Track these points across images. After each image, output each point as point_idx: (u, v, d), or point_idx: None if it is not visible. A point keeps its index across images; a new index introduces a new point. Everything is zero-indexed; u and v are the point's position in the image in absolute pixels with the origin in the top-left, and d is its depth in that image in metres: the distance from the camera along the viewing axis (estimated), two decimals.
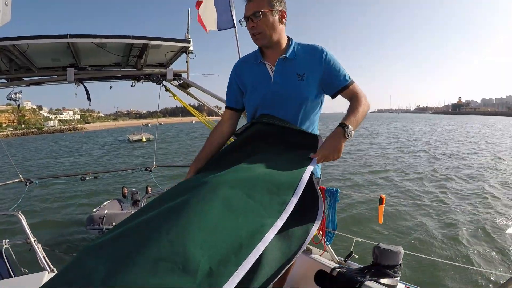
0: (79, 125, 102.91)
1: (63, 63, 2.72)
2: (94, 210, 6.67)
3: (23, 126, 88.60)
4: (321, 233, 1.81)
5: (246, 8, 1.34)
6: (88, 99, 2.79)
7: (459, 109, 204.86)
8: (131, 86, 2.96)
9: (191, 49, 2.75)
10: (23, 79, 2.68)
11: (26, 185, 3.01)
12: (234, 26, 2.83)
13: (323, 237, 1.83)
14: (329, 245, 1.86)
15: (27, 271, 2.19)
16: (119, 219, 5.29)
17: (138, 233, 0.88)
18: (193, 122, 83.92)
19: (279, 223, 0.95)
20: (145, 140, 33.33)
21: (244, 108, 1.55)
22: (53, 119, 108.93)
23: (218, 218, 0.90)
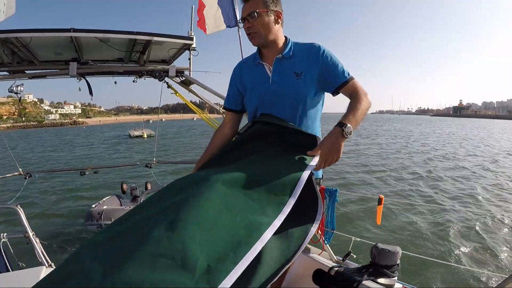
0: (80, 119, 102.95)
1: (66, 57, 2.72)
2: (93, 205, 6.67)
3: (23, 118, 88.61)
4: (320, 232, 1.82)
5: (242, 9, 1.36)
6: (90, 93, 2.79)
7: (460, 111, 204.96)
8: (133, 82, 2.96)
9: (194, 46, 2.75)
10: (25, 72, 2.68)
11: (25, 178, 2.99)
12: (237, 25, 2.83)
13: (322, 237, 1.84)
14: (327, 245, 1.87)
15: (24, 265, 2.19)
16: (117, 215, 5.28)
17: (137, 229, 0.89)
18: (195, 119, 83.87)
19: (277, 223, 0.95)
20: (146, 136, 33.33)
21: (244, 110, 1.57)
22: (54, 112, 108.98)
23: (217, 216, 0.91)
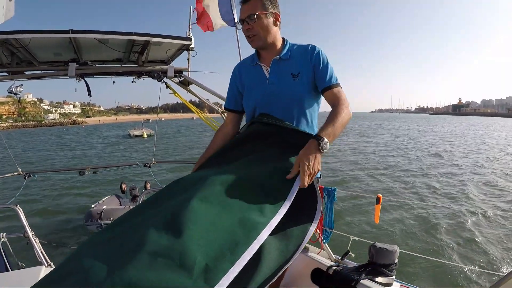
0: (79, 119, 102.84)
1: (65, 58, 2.72)
2: (92, 205, 6.68)
3: (23, 118, 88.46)
4: (318, 231, 1.83)
5: (241, 11, 1.36)
6: (89, 94, 2.80)
7: (459, 110, 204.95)
8: (132, 82, 2.97)
9: (192, 46, 2.76)
10: (24, 73, 2.67)
11: (24, 178, 2.98)
12: (235, 26, 2.83)
13: (320, 236, 1.85)
14: (326, 244, 1.88)
15: (24, 265, 2.19)
16: (117, 214, 5.30)
17: (136, 229, 0.90)
18: (194, 118, 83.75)
19: (274, 222, 0.96)
20: (146, 136, 33.32)
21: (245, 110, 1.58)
22: (53, 112, 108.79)
23: (215, 216, 0.92)
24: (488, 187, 9.86)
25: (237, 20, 2.80)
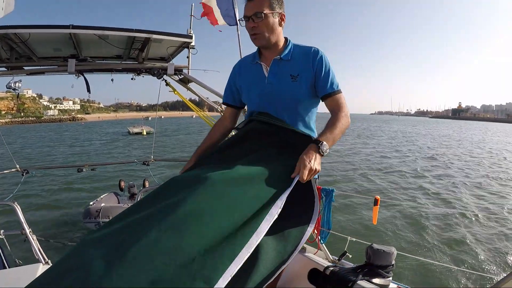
0: (78, 116, 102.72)
1: (64, 54, 2.71)
2: (90, 203, 6.66)
3: (22, 114, 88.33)
4: (316, 232, 1.83)
5: (246, 8, 1.34)
6: (88, 91, 2.78)
7: (459, 114, 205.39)
8: (131, 79, 2.96)
9: (193, 44, 2.75)
10: (23, 68, 2.67)
11: (22, 175, 2.97)
12: (236, 24, 2.83)
13: (318, 236, 1.85)
14: (323, 244, 1.88)
15: (21, 262, 2.18)
16: (115, 212, 5.30)
17: (135, 227, 0.90)
18: (194, 116, 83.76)
19: (269, 218, 0.98)
20: (145, 133, 33.31)
21: (242, 106, 1.60)
22: (52, 108, 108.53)
23: (214, 214, 0.92)
24: (481, 190, 9.98)
25: (239, 17, 2.81)
